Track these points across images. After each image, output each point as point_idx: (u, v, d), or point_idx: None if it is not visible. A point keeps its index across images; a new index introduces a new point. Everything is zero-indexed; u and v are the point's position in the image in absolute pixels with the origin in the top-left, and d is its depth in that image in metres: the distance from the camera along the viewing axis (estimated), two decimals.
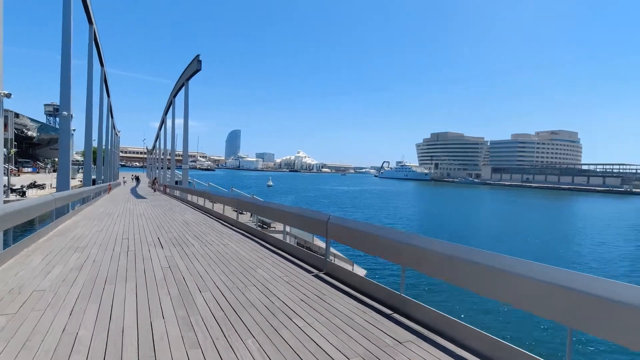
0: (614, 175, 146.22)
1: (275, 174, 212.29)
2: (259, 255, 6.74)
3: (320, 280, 5.24)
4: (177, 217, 12.39)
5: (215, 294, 4.40)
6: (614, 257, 22.42)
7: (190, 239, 8.28)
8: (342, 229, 5.44)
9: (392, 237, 4.38)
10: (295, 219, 7.19)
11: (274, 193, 65.83)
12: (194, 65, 22.03)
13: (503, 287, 3.02)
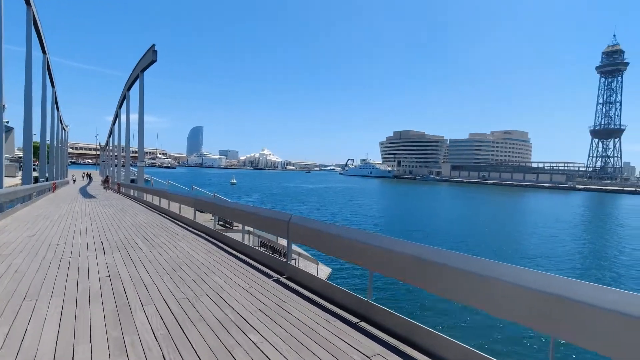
0: (560, 172, 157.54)
1: (240, 171, 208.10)
2: (215, 258, 6.19)
3: (281, 285, 4.82)
4: (128, 219, 11.38)
5: (160, 307, 3.84)
6: (565, 251, 23.83)
7: (139, 242, 7.52)
8: (305, 230, 5.04)
9: (356, 238, 4.04)
10: (254, 219, 6.69)
11: (237, 191, 64.26)
12: (149, 55, 20.65)
13: (478, 292, 2.75)
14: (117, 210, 14.08)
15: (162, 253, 6.49)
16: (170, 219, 11.68)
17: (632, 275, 18.01)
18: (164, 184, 37.21)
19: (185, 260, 5.97)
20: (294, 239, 5.31)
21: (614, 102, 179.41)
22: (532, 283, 2.41)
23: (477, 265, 2.78)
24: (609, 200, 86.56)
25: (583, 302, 2.16)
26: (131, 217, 11.91)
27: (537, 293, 2.36)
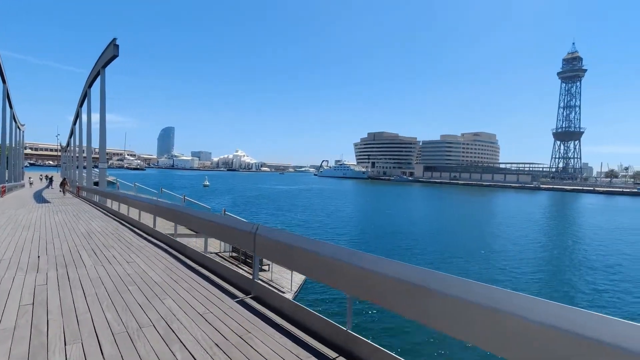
0: (526, 173, 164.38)
1: (213, 173, 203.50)
2: (172, 275, 5.38)
3: (246, 308, 4.13)
4: (80, 227, 10.22)
5: (89, 347, 3.04)
6: (532, 249, 24.34)
7: (84, 256, 6.56)
8: (273, 244, 4.33)
9: (333, 256, 3.40)
10: (217, 229, 5.89)
11: (210, 193, 62.38)
12: (111, 50, 19.26)
13: (488, 329, 2.19)
14: (70, 216, 12.81)
15: (110, 270, 5.61)
16: (129, 226, 10.64)
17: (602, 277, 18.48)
18: (130, 186, 35.34)
19: (136, 279, 5.13)
20: (261, 253, 4.60)
21: (574, 106, 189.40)
22: (563, 322, 1.86)
23: (486, 294, 2.22)
24: (571, 199, 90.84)
25: None
26: (84, 224, 10.76)
27: (568, 334, 1.82)
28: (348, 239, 24.76)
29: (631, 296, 14.91)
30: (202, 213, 6.78)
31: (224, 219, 5.73)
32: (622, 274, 18.18)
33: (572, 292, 15.38)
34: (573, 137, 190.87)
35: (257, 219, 32.11)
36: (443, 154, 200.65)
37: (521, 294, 2.12)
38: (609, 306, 13.53)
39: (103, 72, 22.03)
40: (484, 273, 17.15)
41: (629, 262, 20.87)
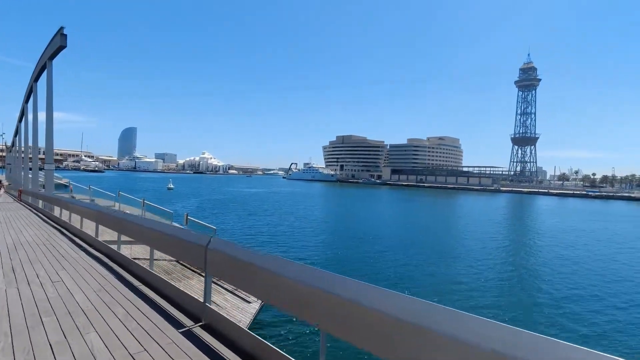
0: (487, 176, 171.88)
1: (178, 175, 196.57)
2: (106, 298, 4.40)
3: (193, 341, 3.29)
4: (8, 237, 8.76)
5: None
6: (496, 247, 24.85)
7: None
8: (228, 260, 3.49)
9: (302, 279, 2.66)
10: (163, 241, 4.86)
11: (174, 197, 59.65)
12: (57, 40, 17.49)
13: None
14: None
15: (25, 293, 4.51)
16: (69, 235, 9.34)
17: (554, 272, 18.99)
18: (84, 189, 32.70)
19: (57, 306, 4.10)
20: (213, 271, 3.75)
21: (530, 113, 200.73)
22: None
23: (511, 339, 1.58)
24: (528, 201, 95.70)
25: None
26: (14, 233, 9.31)
27: None
28: (318, 244, 24.10)
29: (584, 291, 15.30)
30: (148, 222, 5.77)
31: (171, 230, 4.79)
32: (581, 274, 18.78)
33: (530, 291, 15.60)
34: (529, 142, 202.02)
35: (222, 224, 30.74)
36: (410, 157, 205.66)
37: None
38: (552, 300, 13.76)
39: (50, 65, 20.08)
40: (454, 276, 17.08)
41: (586, 261, 21.71)
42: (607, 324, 12.40)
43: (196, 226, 14.99)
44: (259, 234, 26.28)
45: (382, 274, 16.91)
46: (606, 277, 18.42)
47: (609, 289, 16.43)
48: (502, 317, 12.22)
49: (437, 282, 16.34)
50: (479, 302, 13.88)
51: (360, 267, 17.97)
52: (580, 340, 11.02)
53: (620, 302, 14.65)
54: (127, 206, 24.58)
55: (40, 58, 22.29)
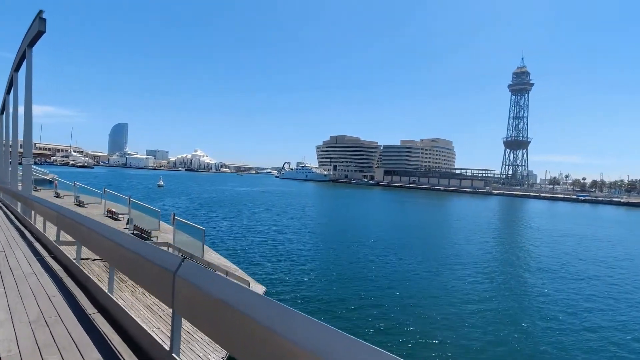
0: (479, 178, 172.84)
1: (169, 173, 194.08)
2: (43, 336, 3.25)
3: None
4: None
5: None
6: (490, 250, 24.33)
7: None
8: (202, 298, 2.27)
9: (305, 335, 1.56)
10: (121, 258, 3.69)
11: (164, 195, 58.29)
12: (36, 25, 16.29)
13: None
14: None
15: None
16: (30, 239, 8.15)
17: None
18: (69, 185, 31.43)
19: None
20: (183, 311, 2.56)
21: (522, 117, 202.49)
22: None
23: None
24: (520, 204, 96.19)
25: None
26: None
27: None
28: (310, 245, 23.30)
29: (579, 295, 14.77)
30: (108, 230, 4.32)
31: (132, 243, 3.52)
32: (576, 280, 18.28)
33: (522, 292, 15.04)
34: (521, 146, 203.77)
35: (212, 224, 29.78)
36: (403, 159, 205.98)
37: None
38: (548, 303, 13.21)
39: (30, 52, 18.84)
40: (448, 278, 16.44)
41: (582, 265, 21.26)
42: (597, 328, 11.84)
43: (184, 227, 14.11)
44: (249, 236, 25.39)
45: (375, 277, 16.19)
46: (604, 281, 17.95)
47: (604, 292, 15.94)
48: (493, 318, 11.62)
49: (431, 284, 15.68)
50: (470, 303, 13.25)
51: (355, 269, 17.23)
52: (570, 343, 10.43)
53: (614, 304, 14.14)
54: (113, 203, 23.52)
55: (20, 46, 21.12)
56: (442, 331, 10.79)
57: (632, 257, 25.78)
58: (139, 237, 17.14)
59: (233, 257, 16.20)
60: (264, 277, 14.46)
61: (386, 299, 13.32)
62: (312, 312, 11.51)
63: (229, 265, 13.88)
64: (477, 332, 11.00)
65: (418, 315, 11.92)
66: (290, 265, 17.27)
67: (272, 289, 13.22)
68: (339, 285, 14.68)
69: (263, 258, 18.50)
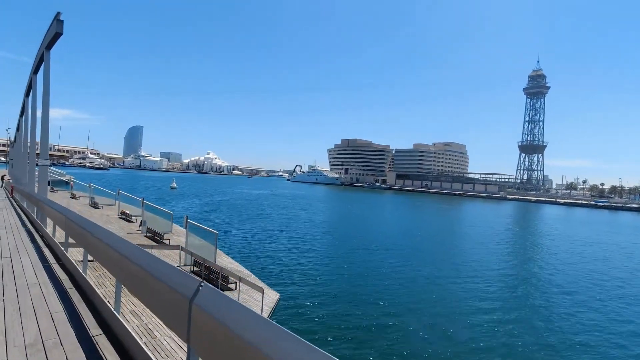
0: (493, 183, 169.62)
1: (182, 175, 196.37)
2: None
3: None
4: None
5: None
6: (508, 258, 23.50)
7: None
8: (221, 331, 1.75)
9: None
10: (130, 274, 3.06)
11: (177, 197, 58.72)
12: (54, 27, 16.40)
13: None
14: None
15: None
16: (40, 243, 7.71)
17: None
18: (85, 186, 31.77)
19: None
20: (199, 347, 2.04)
21: (538, 121, 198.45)
22: None
23: None
24: (535, 209, 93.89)
25: None
26: None
27: None
28: (322, 251, 22.90)
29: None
30: (117, 240, 3.58)
31: (146, 260, 2.82)
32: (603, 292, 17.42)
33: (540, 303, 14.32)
34: (537, 150, 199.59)
35: (225, 228, 29.68)
36: (415, 163, 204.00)
37: None
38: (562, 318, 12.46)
39: (47, 55, 19.04)
40: (464, 288, 15.83)
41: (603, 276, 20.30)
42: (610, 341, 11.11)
43: (197, 230, 13.91)
44: (262, 240, 25.15)
45: (390, 285, 15.69)
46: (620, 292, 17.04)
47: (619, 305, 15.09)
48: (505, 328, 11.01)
49: (448, 293, 15.10)
50: (484, 312, 12.64)
51: (368, 277, 16.77)
52: None
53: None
54: (126, 205, 23.61)
55: (38, 49, 21.40)
56: (462, 344, 10.27)
57: None
58: (152, 240, 17.07)
59: (246, 262, 15.93)
60: (277, 283, 14.15)
61: (400, 309, 12.84)
62: (325, 322, 11.13)
63: (242, 270, 13.60)
64: (500, 341, 10.44)
65: (434, 327, 11.40)
66: (303, 272, 16.91)
67: (286, 295, 12.87)
68: (352, 293, 14.27)
69: (275, 263, 18.20)
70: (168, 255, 14.23)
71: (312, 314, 11.59)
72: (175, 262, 13.42)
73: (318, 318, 11.27)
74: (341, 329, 10.67)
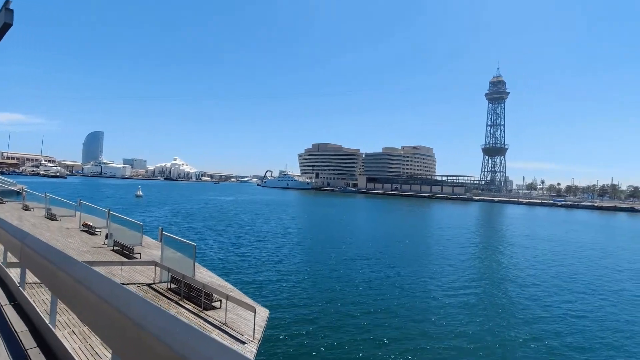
0: (460, 185, 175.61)
1: (148, 182, 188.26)
2: None
3: None
4: None
5: None
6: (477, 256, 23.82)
7: None
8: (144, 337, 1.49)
9: None
10: (118, 335, 1.88)
11: (143, 206, 55.66)
12: (2, 16, 14.74)
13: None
14: None
15: None
16: None
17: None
18: (40, 197, 29.07)
19: None
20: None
21: (499, 125, 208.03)
22: None
23: None
24: (500, 209, 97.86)
25: None
26: None
27: None
28: (297, 257, 22.11)
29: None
30: (98, 278, 2.34)
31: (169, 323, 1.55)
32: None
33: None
34: (499, 153, 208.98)
35: (201, 238, 28.17)
36: (385, 166, 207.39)
37: None
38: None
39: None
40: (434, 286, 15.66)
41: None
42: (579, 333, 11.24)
43: (173, 242, 12.70)
44: (238, 250, 24.00)
45: (364, 291, 15.20)
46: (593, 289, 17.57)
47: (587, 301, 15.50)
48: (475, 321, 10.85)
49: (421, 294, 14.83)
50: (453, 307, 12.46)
51: (357, 283, 16.20)
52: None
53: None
54: (89, 216, 21.60)
55: None
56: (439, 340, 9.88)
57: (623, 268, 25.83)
58: (120, 254, 15.57)
59: (227, 276, 14.90)
60: (264, 297, 13.25)
61: (380, 309, 12.35)
62: (319, 336, 10.39)
63: (224, 284, 12.56)
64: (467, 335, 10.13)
65: (419, 329, 10.96)
66: (289, 282, 16.16)
67: (275, 310, 11.97)
68: (341, 300, 13.65)
69: (259, 274, 17.26)
70: (141, 272, 12.94)
71: (305, 329, 10.81)
72: (149, 279, 12.18)
73: (311, 333, 10.51)
74: (336, 341, 9.97)
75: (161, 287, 11.65)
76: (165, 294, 11.13)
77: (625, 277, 21.18)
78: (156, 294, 11.20)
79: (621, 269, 23.49)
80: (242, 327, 9.08)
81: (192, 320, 9.76)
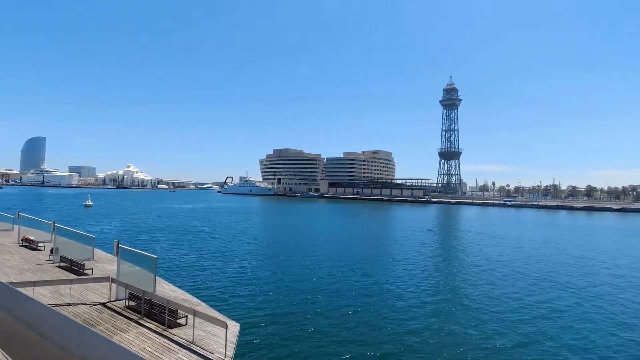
0: (418, 188, 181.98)
1: (98, 191, 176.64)
2: None
3: None
4: None
5: None
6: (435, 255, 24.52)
7: None
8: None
9: None
10: None
11: (93, 216, 51.73)
12: None
13: None
14: None
15: None
16: None
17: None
18: None
19: None
20: None
21: (453, 130, 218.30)
22: None
23: None
24: (456, 211, 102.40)
25: None
26: None
27: None
28: (276, 270, 21.42)
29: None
30: (62, 320, 0.95)
31: None
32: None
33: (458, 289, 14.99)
34: (454, 157, 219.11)
35: (156, 250, 26.52)
36: (346, 171, 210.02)
37: None
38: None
39: None
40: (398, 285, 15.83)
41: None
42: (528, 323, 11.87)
43: (130, 256, 11.64)
44: (200, 261, 22.85)
45: (334, 298, 14.98)
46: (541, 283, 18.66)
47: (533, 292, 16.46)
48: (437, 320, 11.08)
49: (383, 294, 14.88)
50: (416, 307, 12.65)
51: (322, 289, 15.86)
52: None
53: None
54: (30, 229, 19.48)
55: None
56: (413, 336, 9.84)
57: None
58: (69, 271, 14.08)
59: (192, 289, 13.93)
60: (234, 310, 12.49)
61: (352, 316, 12.13)
62: (286, 341, 9.89)
63: (189, 299, 11.71)
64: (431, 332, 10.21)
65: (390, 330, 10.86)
66: (256, 292, 15.47)
67: (245, 323, 11.30)
68: (307, 307, 13.24)
69: (225, 286, 16.44)
70: (94, 289, 11.72)
71: (279, 342, 10.27)
72: (104, 297, 11.05)
73: (285, 345, 10.00)
74: (312, 350, 9.53)
75: (118, 305, 10.59)
76: (123, 312, 10.11)
77: (578, 272, 22.67)
78: (112, 313, 10.13)
79: (571, 264, 25.15)
80: (211, 344, 8.40)
81: (156, 340, 8.86)
